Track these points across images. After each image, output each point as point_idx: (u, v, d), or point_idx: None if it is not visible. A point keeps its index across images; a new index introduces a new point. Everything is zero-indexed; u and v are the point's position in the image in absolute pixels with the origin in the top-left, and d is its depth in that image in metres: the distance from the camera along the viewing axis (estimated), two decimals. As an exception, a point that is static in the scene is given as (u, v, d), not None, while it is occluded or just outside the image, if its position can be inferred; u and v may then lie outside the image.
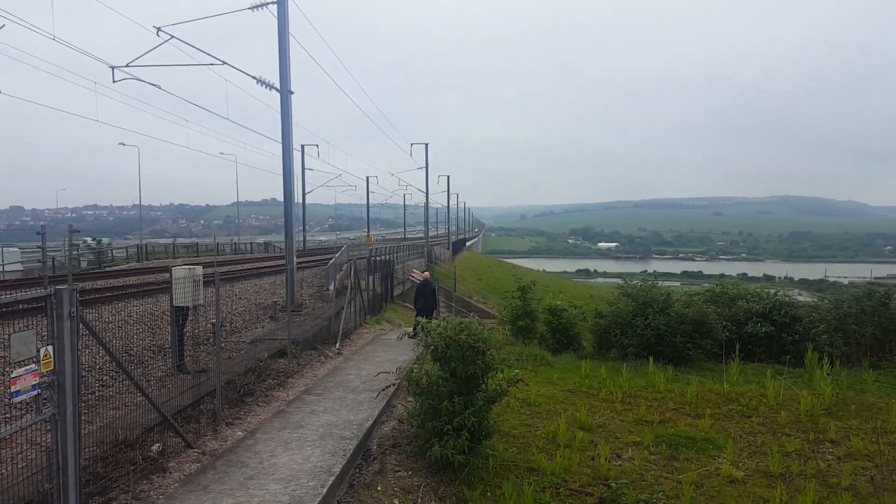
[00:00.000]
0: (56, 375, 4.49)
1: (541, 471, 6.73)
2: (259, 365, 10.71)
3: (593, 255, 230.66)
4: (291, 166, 17.65)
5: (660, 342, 13.90)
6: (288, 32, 16.72)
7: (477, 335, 6.77)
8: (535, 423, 8.56)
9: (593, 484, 6.44)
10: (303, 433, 7.39)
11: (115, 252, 39.06)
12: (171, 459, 6.38)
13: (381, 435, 7.81)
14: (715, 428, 8.64)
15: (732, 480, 6.71)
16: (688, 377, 11.98)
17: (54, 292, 4.38)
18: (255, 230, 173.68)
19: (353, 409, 8.55)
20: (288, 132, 17.16)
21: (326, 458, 6.49)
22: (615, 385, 10.88)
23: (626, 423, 8.87)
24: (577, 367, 12.58)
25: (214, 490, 5.60)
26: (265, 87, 17.13)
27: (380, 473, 6.52)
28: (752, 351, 14.60)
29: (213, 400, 7.97)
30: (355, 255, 23.82)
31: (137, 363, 9.93)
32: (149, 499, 5.47)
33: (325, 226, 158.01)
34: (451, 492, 6.31)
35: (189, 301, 9.53)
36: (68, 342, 4.48)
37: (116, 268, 30.48)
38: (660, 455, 7.55)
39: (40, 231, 14.33)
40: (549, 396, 10.05)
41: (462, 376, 6.69)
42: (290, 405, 8.78)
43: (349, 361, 12.44)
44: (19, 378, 4.32)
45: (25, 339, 4.28)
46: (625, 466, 7.10)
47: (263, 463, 6.32)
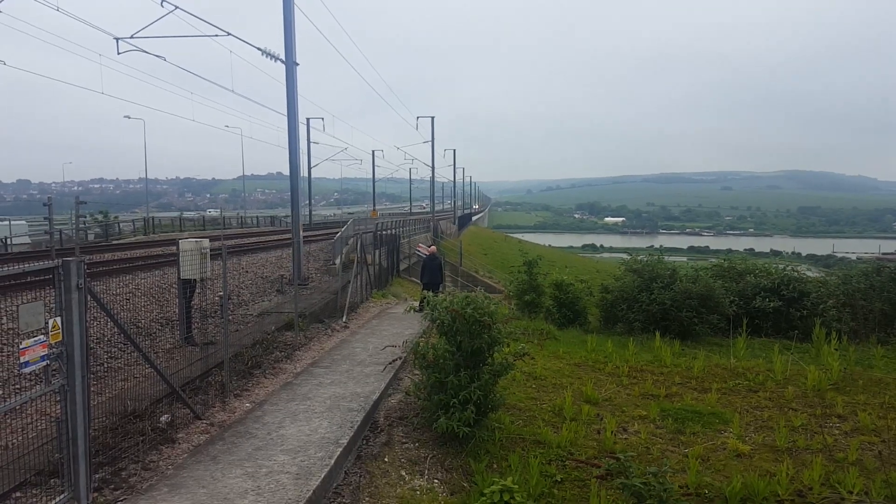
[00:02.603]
0: (65, 347, 4.50)
1: (547, 443, 6.76)
2: (266, 338, 10.77)
3: (600, 230, 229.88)
4: (297, 140, 17.51)
5: (666, 317, 13.87)
6: (293, 2, 16.45)
7: (483, 309, 6.74)
8: (541, 396, 8.59)
9: (599, 457, 6.46)
10: (310, 405, 7.44)
11: (121, 225, 39.15)
12: (179, 430, 6.45)
13: (388, 407, 7.86)
14: (721, 402, 8.64)
15: (739, 454, 6.72)
16: (694, 352, 11.97)
17: (62, 264, 4.37)
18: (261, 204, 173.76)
19: (359, 381, 8.60)
20: (293, 105, 16.99)
21: (334, 429, 6.54)
22: (621, 359, 10.89)
23: (633, 396, 8.89)
24: (583, 342, 12.59)
25: (223, 460, 5.66)
26: (270, 59, 16.93)
27: (387, 445, 6.57)
28: (760, 326, 14.56)
29: (220, 372, 8.03)
30: (361, 229, 23.79)
31: (146, 335, 9.99)
32: (158, 469, 5.54)
33: (330, 200, 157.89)
34: (457, 463, 6.35)
35: (196, 274, 9.54)
36: (76, 313, 4.48)
37: (123, 241, 30.58)
38: (666, 429, 7.57)
39: (47, 203, 14.33)
40: (555, 370, 10.07)
41: (468, 350, 6.68)
42: (298, 377, 8.84)
43: (356, 335, 12.49)
44: (28, 349, 4.33)
45: (34, 310, 4.29)
46: (631, 440, 7.12)
47: (271, 434, 6.38)
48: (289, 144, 17.29)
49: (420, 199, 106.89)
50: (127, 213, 65.60)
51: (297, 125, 17.44)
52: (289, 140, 17.25)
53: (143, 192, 77.78)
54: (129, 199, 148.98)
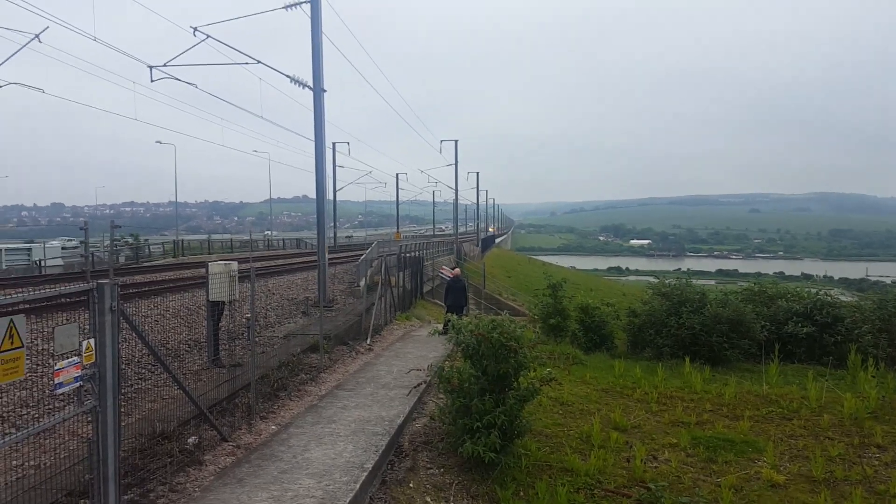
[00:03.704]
0: (97, 368, 4.57)
1: (574, 471, 6.63)
2: (292, 359, 10.82)
3: (625, 253, 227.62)
4: (324, 164, 17.78)
5: (695, 342, 13.61)
6: (321, 31, 16.83)
7: (509, 333, 6.69)
8: (568, 422, 8.45)
9: (629, 486, 6.32)
10: (335, 428, 7.43)
11: (151, 248, 39.97)
12: (206, 452, 6.47)
13: (413, 431, 7.80)
14: (754, 430, 8.40)
15: (773, 485, 6.51)
16: (725, 378, 11.70)
17: (96, 287, 4.46)
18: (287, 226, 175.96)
19: (384, 405, 8.57)
20: (321, 130, 17.28)
21: (359, 453, 6.51)
22: (650, 385, 10.69)
23: (662, 424, 8.69)
24: (610, 367, 12.39)
25: (249, 483, 5.66)
26: (298, 86, 17.28)
27: (412, 470, 6.51)
28: (792, 352, 14.20)
29: (247, 394, 8.07)
30: (385, 251, 23.91)
31: (174, 357, 10.11)
32: (185, 491, 5.55)
33: (354, 223, 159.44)
34: (483, 490, 6.26)
35: (225, 296, 9.66)
36: (109, 335, 4.55)
37: (153, 263, 31.18)
38: (697, 457, 7.38)
39: (83, 227, 14.71)
40: (583, 396, 9.92)
41: (493, 375, 6.63)
42: (323, 400, 8.84)
43: (380, 357, 12.48)
44: (62, 370, 4.41)
45: (68, 332, 4.37)
46: (661, 468, 6.95)
47: (297, 457, 6.37)
48: (316, 169, 17.56)
49: (443, 221, 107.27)
50: (157, 235, 67.01)
51: (324, 150, 17.72)
52: (316, 165, 17.52)
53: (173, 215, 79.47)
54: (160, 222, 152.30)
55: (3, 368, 3.81)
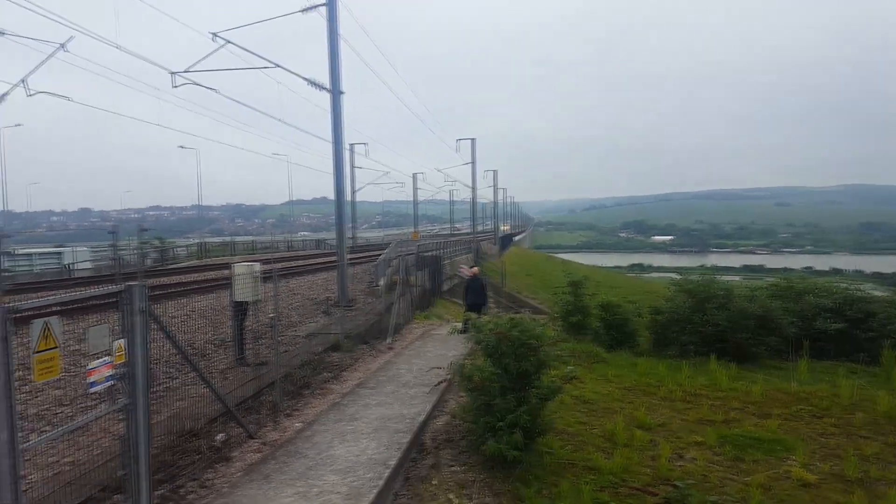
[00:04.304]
0: (128, 367, 4.68)
1: (598, 470, 6.60)
2: (314, 358, 10.94)
3: (647, 250, 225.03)
4: (343, 165, 17.90)
5: (721, 339, 13.41)
6: (338, 33, 16.94)
7: (529, 331, 6.69)
8: (592, 421, 8.41)
9: (654, 484, 6.27)
10: (358, 426, 7.50)
11: (176, 250, 40.59)
12: (234, 449, 6.59)
13: (435, 429, 7.83)
14: (784, 428, 8.28)
15: (804, 484, 6.41)
16: (753, 375, 11.54)
17: (126, 289, 4.57)
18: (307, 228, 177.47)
19: (405, 403, 8.62)
20: (339, 132, 17.40)
21: (382, 450, 6.57)
22: (675, 383, 10.58)
23: (688, 422, 8.61)
24: (633, 365, 12.30)
25: (276, 479, 5.75)
26: (316, 88, 17.43)
27: (434, 467, 6.55)
28: (823, 348, 13.92)
29: (272, 392, 8.18)
30: (403, 251, 24.00)
31: (201, 356, 10.28)
32: (214, 487, 5.66)
33: (373, 223, 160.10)
34: (506, 488, 6.26)
35: (249, 296, 9.80)
36: (139, 336, 4.66)
37: (179, 265, 31.68)
38: (724, 456, 7.29)
39: (112, 230, 15.03)
40: (606, 394, 9.86)
41: (514, 373, 6.62)
42: (345, 398, 8.92)
43: (400, 356, 12.54)
44: (95, 370, 4.53)
45: (100, 332, 4.49)
46: (687, 467, 6.89)
47: (321, 454, 6.45)
48: (334, 171, 17.68)
49: (460, 220, 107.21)
50: (182, 238, 68.02)
51: (343, 152, 17.83)
52: (334, 167, 17.64)
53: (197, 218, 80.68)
54: (184, 226, 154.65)
55: (39, 368, 3.92)
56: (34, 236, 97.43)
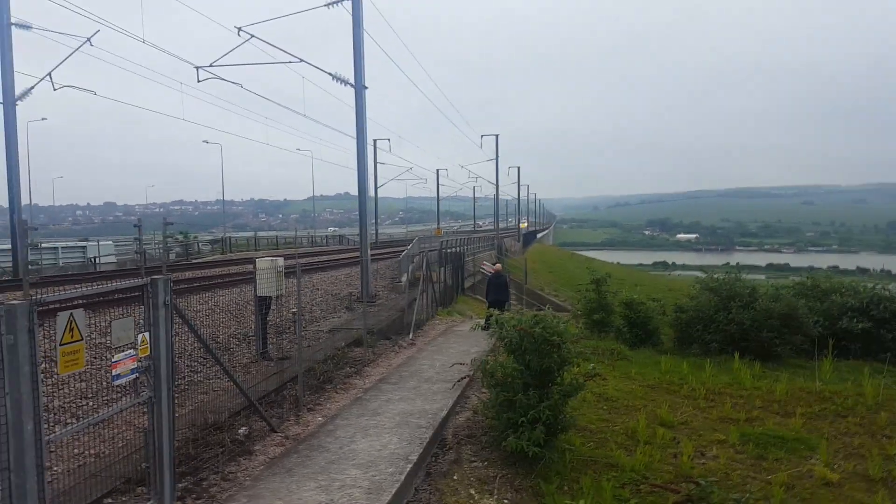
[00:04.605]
0: (152, 360, 4.75)
1: (620, 467, 6.54)
2: (337, 353, 11.01)
3: (671, 248, 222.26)
4: (366, 161, 17.97)
5: (745, 337, 13.22)
6: (362, 28, 16.99)
7: (552, 328, 6.64)
8: (613, 418, 8.34)
9: (676, 482, 6.20)
10: (380, 420, 7.53)
11: (200, 245, 41.15)
12: (256, 442, 6.65)
13: (456, 425, 7.84)
14: (807, 428, 8.13)
15: (827, 483, 6.29)
16: (776, 374, 11.35)
17: (150, 282, 4.63)
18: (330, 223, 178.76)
19: (427, 398, 8.63)
20: (362, 127, 17.46)
21: (403, 445, 6.58)
22: (698, 381, 10.45)
23: (710, 420, 8.50)
24: (656, 363, 12.17)
25: (298, 473, 5.79)
26: (340, 83, 17.51)
27: (456, 463, 6.54)
28: (847, 348, 13.66)
29: (294, 386, 8.25)
30: (426, 247, 24.04)
31: (224, 350, 10.41)
32: (237, 480, 5.72)
33: (395, 219, 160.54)
34: (526, 484, 6.24)
35: (272, 291, 9.90)
36: (163, 329, 4.72)
37: (203, 260, 32.12)
38: (747, 454, 7.19)
39: (137, 224, 15.27)
40: (628, 392, 9.77)
41: (537, 369, 6.59)
42: (367, 393, 8.97)
43: (422, 352, 12.57)
44: (119, 362, 4.60)
45: (125, 325, 4.55)
46: (709, 465, 6.80)
47: (343, 448, 6.48)
48: (358, 166, 17.76)
49: (484, 216, 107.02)
50: (205, 233, 68.92)
51: (366, 147, 17.89)
52: (358, 162, 17.72)
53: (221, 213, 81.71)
54: (208, 220, 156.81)
55: (64, 360, 3.99)
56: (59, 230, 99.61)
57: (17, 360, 3.45)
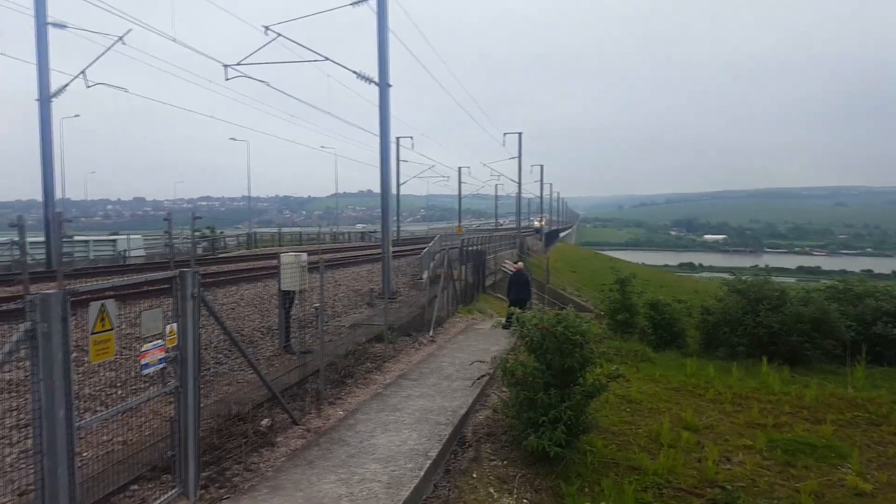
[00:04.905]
0: (179, 351, 4.83)
1: (642, 469, 6.47)
2: (358, 348, 11.07)
3: (698, 248, 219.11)
4: (389, 159, 18.01)
5: (774, 341, 12.99)
6: (387, 26, 17.03)
7: (574, 327, 6.59)
8: (636, 420, 8.26)
9: (700, 486, 6.11)
10: (399, 416, 7.54)
11: (226, 240, 41.70)
12: (278, 434, 6.72)
13: (476, 423, 7.82)
14: (838, 435, 7.95)
15: (859, 493, 6.14)
16: (806, 379, 11.13)
17: (179, 274, 4.70)
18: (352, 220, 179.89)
19: (447, 395, 8.63)
20: (386, 125, 17.51)
21: (423, 441, 6.59)
22: (724, 385, 10.29)
23: (736, 425, 8.36)
24: (681, 365, 12.02)
25: (319, 466, 5.84)
26: (364, 81, 17.56)
27: (475, 461, 6.53)
28: (881, 353, 13.32)
29: (316, 380, 8.31)
30: (447, 244, 24.04)
31: (248, 343, 10.54)
32: (258, 470, 5.79)
33: (417, 216, 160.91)
34: (546, 485, 6.20)
35: (296, 286, 9.98)
36: (191, 320, 4.80)
37: (229, 254, 32.57)
38: (774, 461, 7.05)
39: (167, 218, 15.54)
40: (652, 394, 9.66)
41: (558, 369, 6.54)
42: (387, 388, 8.99)
43: (443, 349, 12.57)
44: (148, 352, 4.68)
45: (154, 316, 4.64)
46: (735, 470, 6.69)
47: (363, 442, 6.52)
48: (381, 164, 17.81)
49: (505, 214, 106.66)
50: (231, 228, 69.83)
51: (389, 145, 17.93)
52: (381, 160, 17.77)
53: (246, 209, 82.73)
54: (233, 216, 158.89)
55: (95, 349, 4.07)
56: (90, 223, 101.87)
57: (51, 347, 3.53)
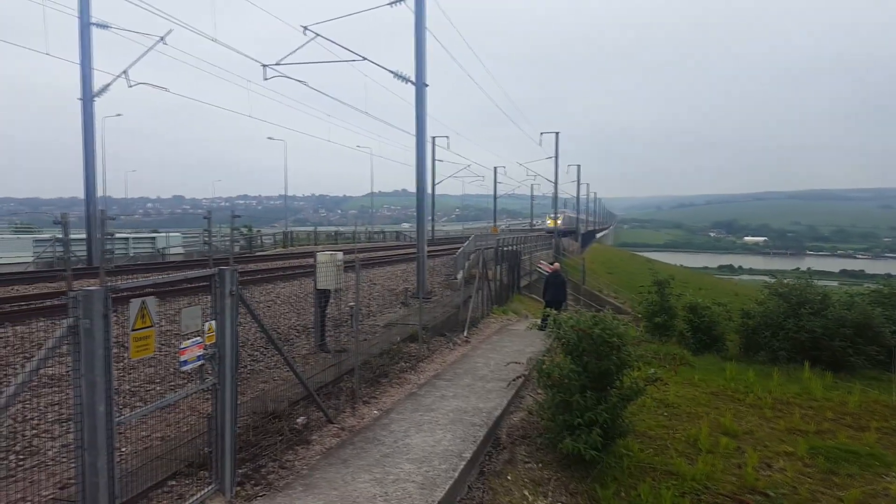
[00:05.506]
0: (217, 348, 4.91)
1: (680, 475, 6.34)
2: (392, 348, 11.11)
3: (738, 251, 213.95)
4: (425, 158, 18.03)
5: (816, 346, 12.59)
6: (425, 26, 17.06)
7: (612, 330, 6.49)
8: (674, 425, 8.09)
9: (740, 493, 5.95)
10: (434, 416, 7.54)
11: (263, 238, 42.42)
12: (313, 432, 6.78)
13: (511, 425, 7.77)
14: (882, 443, 7.68)
15: (907, 504, 5.90)
16: (849, 385, 10.76)
17: (218, 272, 4.78)
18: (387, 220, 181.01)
19: (481, 396, 8.59)
20: (422, 124, 17.53)
21: (457, 442, 6.57)
22: (764, 390, 10.02)
23: (777, 431, 8.12)
24: (720, 369, 11.74)
25: (353, 465, 5.87)
26: (401, 81, 17.63)
27: (509, 463, 6.49)
28: (930, 361, 12.80)
29: (351, 378, 8.37)
30: (482, 245, 23.96)
31: (284, 340, 10.68)
32: (293, 468, 5.85)
33: (451, 216, 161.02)
34: (582, 488, 6.13)
35: (331, 284, 10.07)
36: (229, 317, 4.87)
37: (265, 253, 33.11)
38: (816, 468, 6.84)
39: (207, 216, 15.86)
40: (690, 398, 9.46)
41: (595, 371, 6.46)
42: (422, 388, 9.01)
43: (477, 350, 12.53)
44: (187, 349, 4.77)
45: (193, 314, 4.72)
46: (775, 477, 6.50)
47: (398, 442, 6.53)
48: (416, 163, 17.84)
49: (540, 214, 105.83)
50: (268, 227, 70.97)
51: (425, 145, 17.95)
52: (417, 159, 17.81)
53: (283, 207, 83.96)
54: (270, 214, 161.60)
55: (135, 346, 4.16)
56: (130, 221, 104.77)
57: (93, 343, 3.62)
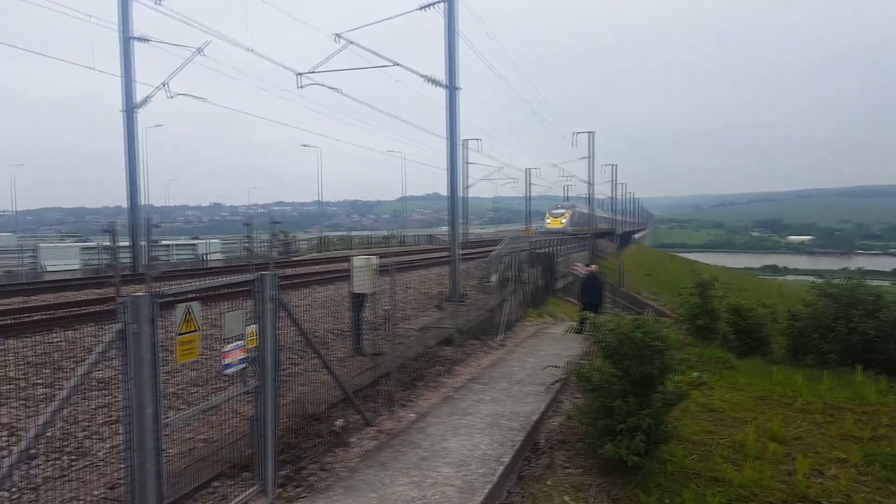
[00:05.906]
0: (259, 351, 4.97)
1: (727, 482, 6.14)
2: (427, 351, 11.12)
3: (782, 251, 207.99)
4: (457, 162, 18.03)
5: (869, 349, 12.07)
6: (456, 29, 17.08)
7: (654, 333, 6.34)
8: (719, 430, 7.86)
9: (791, 501, 5.74)
10: (470, 420, 7.50)
11: (299, 243, 43.05)
12: (352, 435, 6.83)
13: (549, 429, 7.68)
14: (945, 452, 7.29)
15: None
16: (906, 390, 10.29)
17: (259, 277, 4.85)
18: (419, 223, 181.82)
19: (518, 400, 8.52)
20: (454, 128, 17.53)
21: (495, 446, 6.52)
22: (814, 394, 9.66)
23: (828, 437, 7.81)
24: (767, 373, 11.37)
25: (391, 467, 5.88)
26: (433, 85, 17.68)
27: (549, 468, 6.41)
28: None
29: (387, 382, 8.40)
30: (516, 247, 23.81)
31: (321, 344, 10.77)
32: (333, 470, 5.89)
33: (484, 219, 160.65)
34: (624, 494, 5.99)
35: (367, 288, 10.13)
36: (270, 321, 4.93)
37: (301, 257, 33.59)
38: (872, 476, 6.54)
39: (248, 223, 16.14)
40: (735, 403, 9.18)
41: (636, 375, 6.32)
42: (458, 392, 8.98)
43: (512, 353, 12.44)
44: (230, 353, 4.85)
45: (236, 318, 4.80)
46: (828, 485, 6.24)
47: (435, 446, 6.52)
48: (448, 167, 17.84)
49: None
50: (303, 232, 71.94)
51: (458, 148, 17.96)
52: (448, 162, 17.81)
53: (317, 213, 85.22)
54: (305, 220, 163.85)
55: (181, 350, 4.24)
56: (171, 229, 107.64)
57: (141, 347, 3.70)
